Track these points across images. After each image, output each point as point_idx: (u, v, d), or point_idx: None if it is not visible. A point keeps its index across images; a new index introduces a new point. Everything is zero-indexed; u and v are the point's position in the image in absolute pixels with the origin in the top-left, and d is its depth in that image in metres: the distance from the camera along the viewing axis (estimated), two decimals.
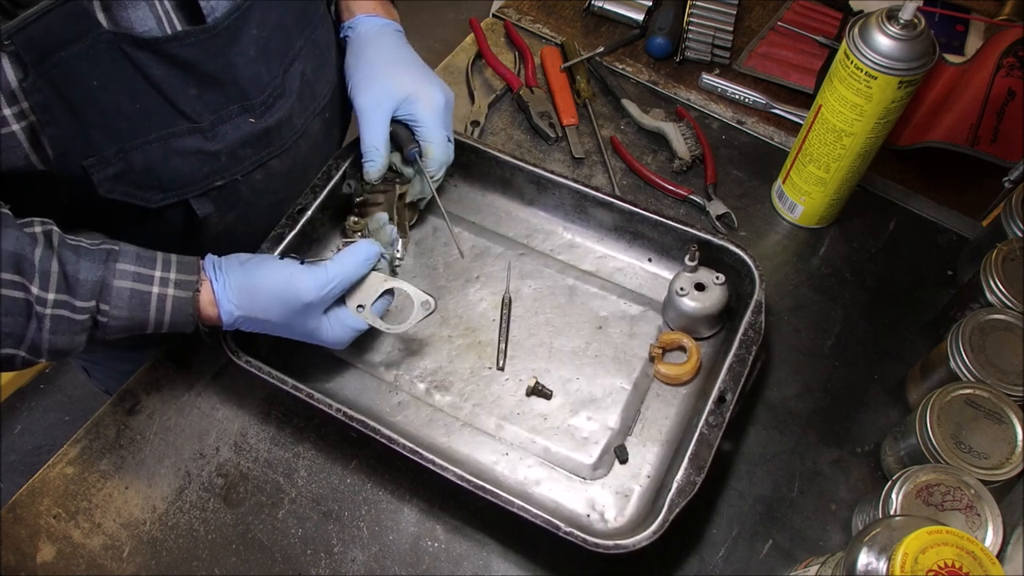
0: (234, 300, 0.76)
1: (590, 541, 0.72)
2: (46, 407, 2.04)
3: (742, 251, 0.89)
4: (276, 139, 0.86)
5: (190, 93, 0.75)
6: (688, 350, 0.89)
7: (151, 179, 0.77)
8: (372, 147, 0.87)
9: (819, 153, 0.94)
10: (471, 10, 1.39)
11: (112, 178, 0.74)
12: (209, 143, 0.79)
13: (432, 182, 0.89)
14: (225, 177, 0.83)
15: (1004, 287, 0.82)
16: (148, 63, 0.71)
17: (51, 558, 0.80)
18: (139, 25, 0.70)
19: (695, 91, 1.15)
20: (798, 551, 0.81)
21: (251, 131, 0.82)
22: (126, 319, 0.72)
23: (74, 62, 0.67)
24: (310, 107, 0.89)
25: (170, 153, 0.77)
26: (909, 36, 0.82)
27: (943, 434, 0.75)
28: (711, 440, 0.77)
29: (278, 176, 0.89)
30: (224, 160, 0.81)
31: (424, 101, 0.87)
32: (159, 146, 0.75)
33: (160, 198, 0.79)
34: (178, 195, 0.80)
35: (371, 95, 0.88)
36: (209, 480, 0.84)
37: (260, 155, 0.85)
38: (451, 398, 0.87)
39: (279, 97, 0.84)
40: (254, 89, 0.80)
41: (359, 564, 0.80)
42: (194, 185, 0.81)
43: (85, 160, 0.72)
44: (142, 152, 0.75)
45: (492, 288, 0.94)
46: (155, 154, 0.76)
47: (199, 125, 0.77)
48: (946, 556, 0.55)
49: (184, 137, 0.77)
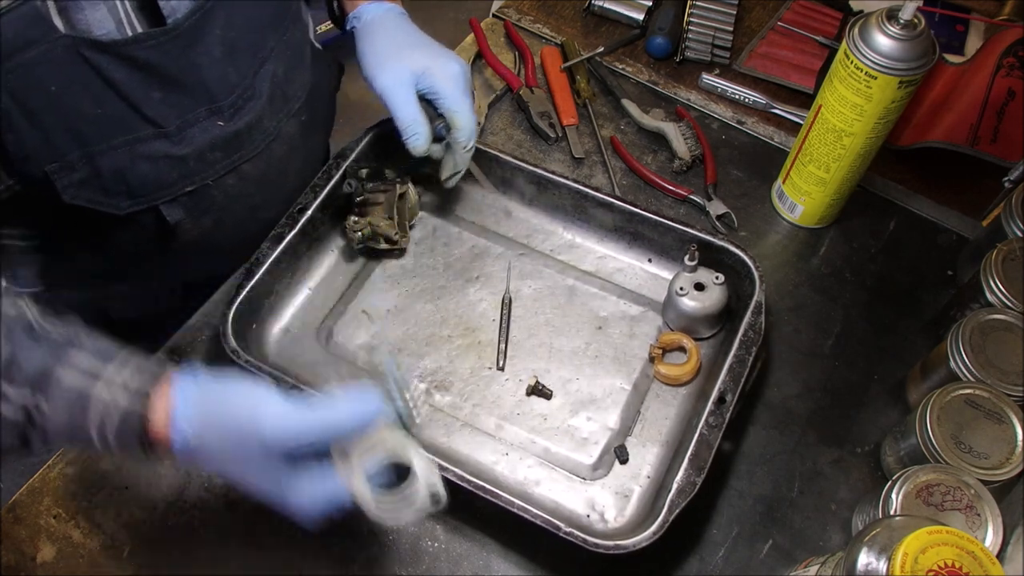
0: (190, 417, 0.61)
1: (590, 541, 0.72)
2: None
3: (742, 252, 0.89)
4: (247, 142, 0.84)
5: (153, 97, 0.73)
6: (688, 351, 0.89)
7: (118, 184, 0.75)
8: (410, 121, 0.86)
9: (819, 153, 0.94)
10: (471, 10, 1.39)
11: (77, 184, 0.73)
12: (176, 147, 0.77)
13: (465, 152, 0.89)
14: (195, 182, 0.81)
15: (1004, 287, 0.82)
16: (108, 66, 0.69)
17: (51, 558, 0.80)
18: (97, 28, 0.68)
19: (695, 91, 1.15)
20: (798, 551, 0.81)
21: (220, 134, 0.80)
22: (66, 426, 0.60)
23: (30, 67, 0.65)
24: (283, 109, 0.88)
25: (136, 158, 0.75)
26: (909, 36, 0.82)
27: (943, 434, 0.75)
28: (711, 441, 0.77)
29: (251, 180, 0.87)
30: (193, 164, 0.79)
31: (441, 73, 0.87)
32: (125, 151, 0.74)
33: (128, 204, 0.77)
34: (147, 201, 0.78)
35: (390, 74, 0.87)
36: (209, 480, 0.84)
37: (231, 159, 0.83)
38: (451, 398, 0.87)
39: (248, 99, 0.82)
40: (221, 91, 0.79)
41: (359, 564, 0.80)
42: (163, 191, 0.79)
43: (48, 166, 0.70)
44: (108, 157, 0.73)
45: (492, 288, 0.94)
46: (121, 159, 0.74)
47: (165, 129, 0.75)
48: (946, 556, 0.55)
49: (150, 141, 0.75)
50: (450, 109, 0.87)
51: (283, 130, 0.89)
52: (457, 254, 0.97)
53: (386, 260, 0.96)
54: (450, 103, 0.87)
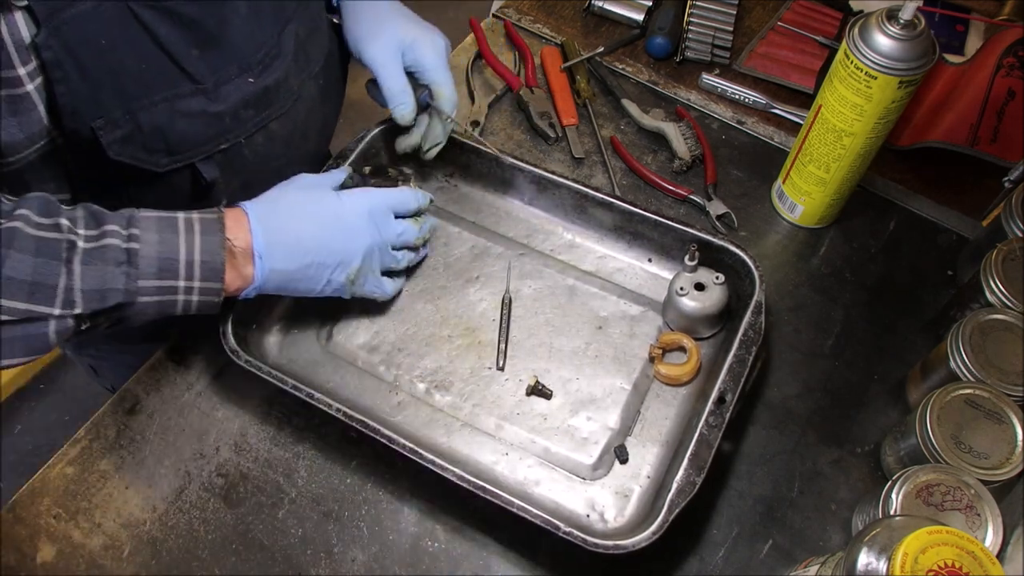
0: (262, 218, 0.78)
1: (590, 541, 0.72)
2: (46, 407, 2.04)
3: (742, 252, 0.89)
4: (275, 99, 0.86)
5: (192, 54, 0.76)
6: (688, 351, 0.89)
7: (158, 141, 0.78)
8: (398, 90, 0.90)
9: (819, 153, 0.94)
10: (471, 10, 1.39)
11: (120, 140, 0.75)
12: (213, 104, 0.79)
13: (448, 123, 0.93)
14: (229, 139, 0.83)
15: (1004, 287, 0.82)
16: (154, 21, 0.72)
17: (51, 558, 0.80)
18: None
19: (695, 91, 1.15)
20: (798, 551, 0.81)
21: (251, 91, 0.82)
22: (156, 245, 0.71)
23: (83, 19, 0.67)
24: (305, 70, 0.90)
25: (176, 115, 0.77)
26: (909, 36, 0.82)
27: (943, 434, 0.75)
28: (711, 441, 0.77)
29: (279, 140, 0.89)
30: (228, 121, 0.82)
31: (427, 46, 0.91)
32: (165, 107, 0.76)
33: (167, 162, 0.79)
34: (185, 159, 0.81)
35: (380, 44, 0.91)
36: (209, 480, 0.84)
37: (261, 116, 0.85)
38: (451, 398, 0.87)
39: (275, 57, 0.84)
40: (251, 48, 0.81)
41: (359, 564, 0.80)
42: (200, 148, 0.81)
43: (94, 121, 0.72)
44: (149, 114, 0.75)
45: (492, 288, 0.94)
46: (161, 116, 0.76)
47: (203, 86, 0.78)
48: (946, 556, 0.55)
49: (188, 98, 0.77)
50: (434, 80, 0.92)
51: (305, 91, 0.91)
52: (457, 254, 0.97)
53: None
54: (435, 75, 0.91)
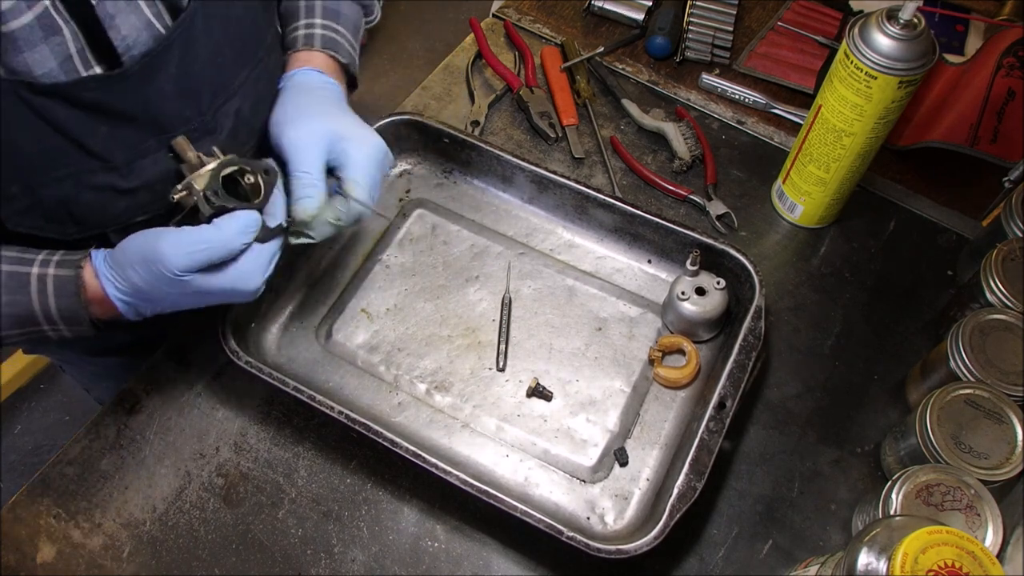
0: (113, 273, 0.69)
1: (593, 546, 0.72)
2: (46, 407, 2.04)
3: (742, 255, 0.89)
4: None
5: (100, 132, 0.70)
6: (687, 353, 0.89)
7: (63, 214, 0.73)
8: (313, 180, 0.75)
9: (819, 153, 0.94)
10: (471, 10, 1.39)
11: (20, 212, 0.71)
12: (123, 180, 0.73)
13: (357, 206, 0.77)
14: (148, 213, 0.76)
15: (1004, 287, 0.82)
16: (50, 107, 0.66)
17: (51, 558, 0.80)
18: (38, 68, 0.65)
19: (695, 91, 1.15)
20: (798, 551, 0.81)
21: (173, 167, 0.74)
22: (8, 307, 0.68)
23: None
24: (247, 143, 0.82)
25: (82, 189, 0.71)
26: (909, 36, 0.82)
27: (943, 434, 0.75)
28: (711, 446, 0.77)
29: None
30: (143, 197, 0.75)
31: (358, 142, 0.78)
32: (70, 183, 0.71)
33: (75, 231, 0.74)
34: (95, 230, 0.75)
35: (304, 129, 0.77)
36: (209, 480, 0.84)
37: None
38: (451, 399, 0.87)
39: (208, 133, 0.76)
40: (175, 124, 0.74)
41: (359, 564, 0.80)
42: (114, 220, 0.75)
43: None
44: (52, 188, 0.70)
45: (492, 288, 0.94)
46: (66, 190, 0.71)
47: (111, 163, 0.72)
48: (946, 556, 0.55)
49: (96, 174, 0.71)
50: (351, 179, 0.77)
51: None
52: (456, 253, 0.97)
53: (386, 259, 0.96)
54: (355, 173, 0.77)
